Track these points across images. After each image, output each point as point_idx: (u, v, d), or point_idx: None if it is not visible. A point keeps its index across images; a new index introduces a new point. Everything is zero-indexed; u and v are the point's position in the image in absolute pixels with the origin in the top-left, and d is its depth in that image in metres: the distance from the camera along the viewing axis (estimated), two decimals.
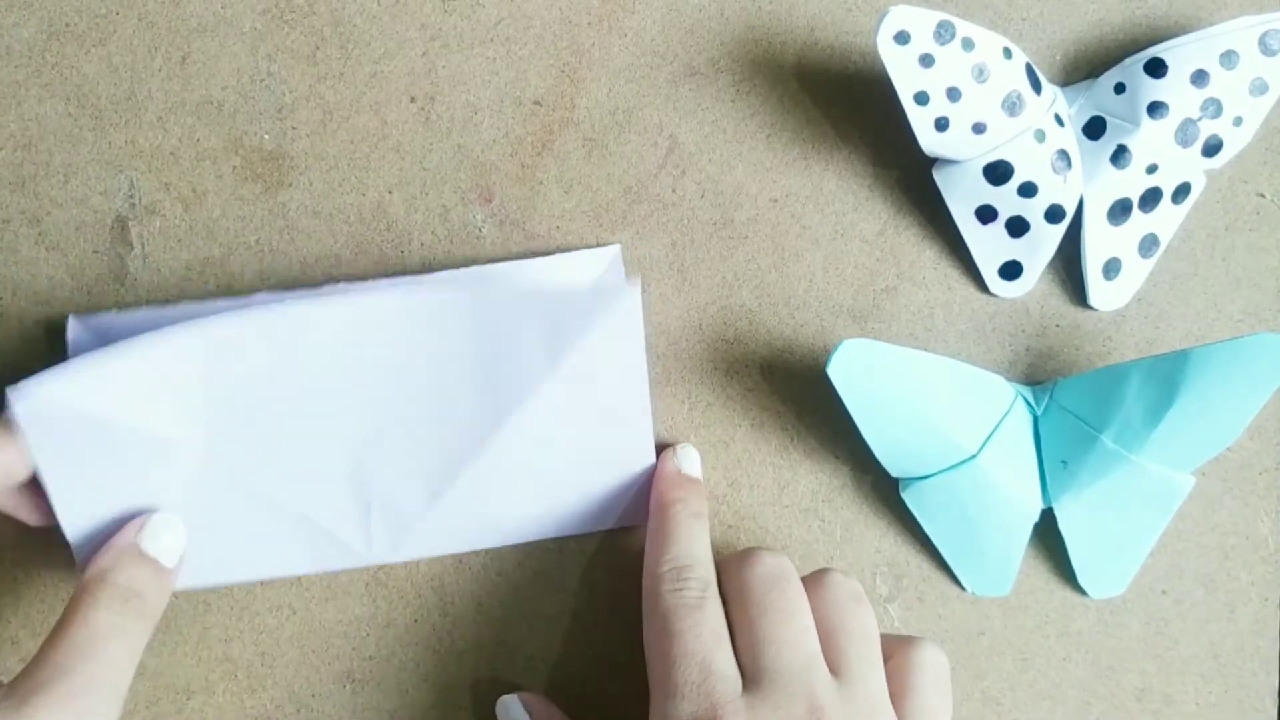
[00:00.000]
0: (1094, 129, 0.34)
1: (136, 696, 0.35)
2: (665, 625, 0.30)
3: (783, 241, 0.36)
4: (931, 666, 0.31)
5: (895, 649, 0.32)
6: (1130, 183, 0.34)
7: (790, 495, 0.36)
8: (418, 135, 0.35)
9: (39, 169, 0.35)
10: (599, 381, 0.33)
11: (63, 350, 0.33)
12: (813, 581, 0.32)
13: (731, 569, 0.32)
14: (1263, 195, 0.36)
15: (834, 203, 0.36)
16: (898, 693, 0.31)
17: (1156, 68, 0.33)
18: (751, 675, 0.29)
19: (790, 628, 0.30)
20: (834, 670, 0.30)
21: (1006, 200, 0.34)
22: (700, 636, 0.30)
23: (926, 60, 0.32)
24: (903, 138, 0.33)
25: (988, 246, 0.35)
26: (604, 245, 0.35)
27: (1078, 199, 0.34)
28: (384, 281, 0.34)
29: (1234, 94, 0.33)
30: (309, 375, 0.32)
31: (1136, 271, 0.36)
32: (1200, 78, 0.33)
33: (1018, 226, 0.35)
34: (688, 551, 0.32)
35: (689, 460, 0.35)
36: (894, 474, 0.35)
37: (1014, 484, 0.34)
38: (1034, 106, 0.33)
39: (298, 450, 0.33)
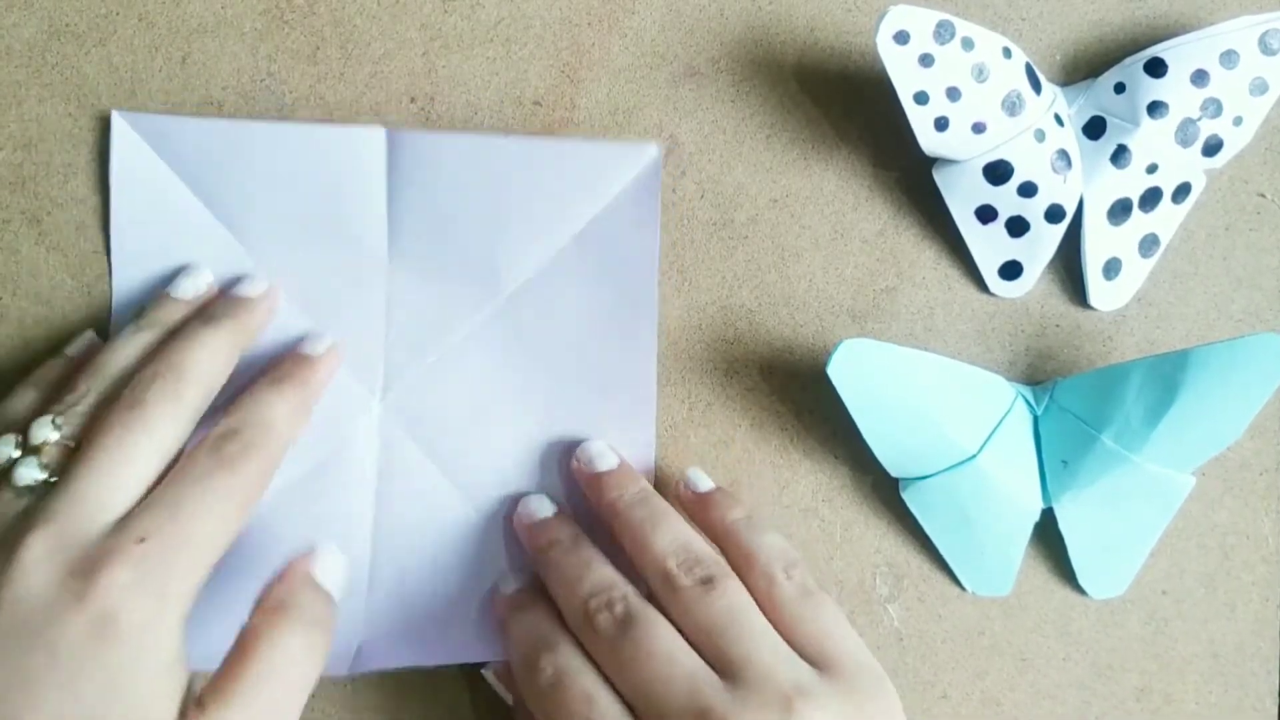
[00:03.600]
0: (1094, 129, 0.34)
1: None
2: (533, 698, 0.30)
3: (783, 241, 0.36)
4: (801, 591, 0.30)
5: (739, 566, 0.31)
6: (1130, 182, 0.34)
7: (790, 495, 0.36)
8: None
9: (39, 169, 0.35)
10: (612, 247, 0.34)
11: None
12: (663, 591, 0.30)
13: (585, 639, 0.30)
14: (1263, 195, 0.36)
15: (834, 203, 0.36)
16: (788, 625, 0.30)
17: (1156, 67, 0.33)
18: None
19: (651, 667, 0.28)
20: (723, 672, 0.28)
21: (1006, 200, 0.34)
22: (596, 692, 0.29)
23: (926, 60, 0.32)
24: (903, 138, 0.33)
25: (988, 246, 0.35)
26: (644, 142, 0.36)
27: (1078, 199, 0.34)
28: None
29: (1234, 94, 0.33)
30: (351, 199, 0.34)
31: (1136, 271, 0.36)
32: (1200, 77, 0.33)
33: (1018, 226, 0.35)
34: (591, 582, 0.31)
35: (539, 508, 0.34)
36: (894, 474, 0.35)
37: (1014, 484, 0.34)
38: (1034, 106, 0.33)
39: (334, 278, 0.34)
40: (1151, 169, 0.34)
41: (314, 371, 0.33)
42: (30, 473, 0.28)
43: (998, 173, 0.33)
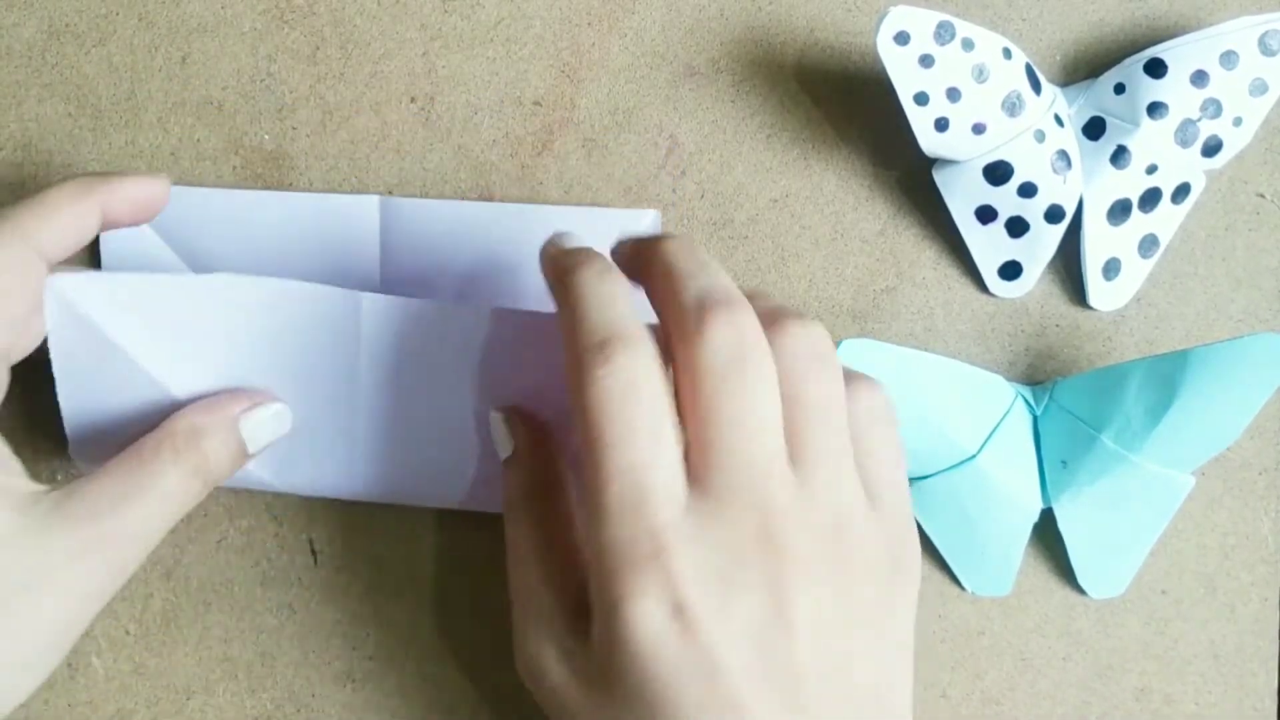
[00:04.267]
0: (1094, 129, 0.34)
1: (136, 696, 0.35)
2: (592, 424, 0.24)
3: (783, 241, 0.36)
4: (871, 416, 0.27)
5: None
6: (1130, 183, 0.34)
7: None
8: (418, 135, 0.35)
9: (39, 169, 0.35)
10: None
11: None
12: (769, 330, 0.26)
13: (682, 334, 0.25)
14: (1262, 195, 0.36)
15: (834, 203, 0.36)
16: (854, 440, 0.26)
17: (1156, 68, 0.33)
18: (699, 480, 0.24)
19: (745, 425, 0.24)
20: (794, 457, 0.25)
21: (1006, 200, 0.34)
22: (635, 443, 0.24)
23: (926, 60, 0.32)
24: (903, 138, 0.33)
25: (987, 246, 0.35)
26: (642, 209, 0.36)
27: (1077, 199, 0.34)
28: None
29: (1234, 94, 0.33)
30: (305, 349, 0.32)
31: (1136, 272, 0.36)
32: (1200, 78, 0.33)
33: (1017, 227, 0.35)
34: (602, 318, 0.25)
35: (570, 238, 0.29)
36: None
37: (1014, 484, 0.34)
38: (1034, 107, 0.33)
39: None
40: (1151, 169, 0.34)
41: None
42: None
43: (998, 173, 0.33)
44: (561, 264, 0.27)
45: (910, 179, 0.36)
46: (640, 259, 0.27)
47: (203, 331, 0.31)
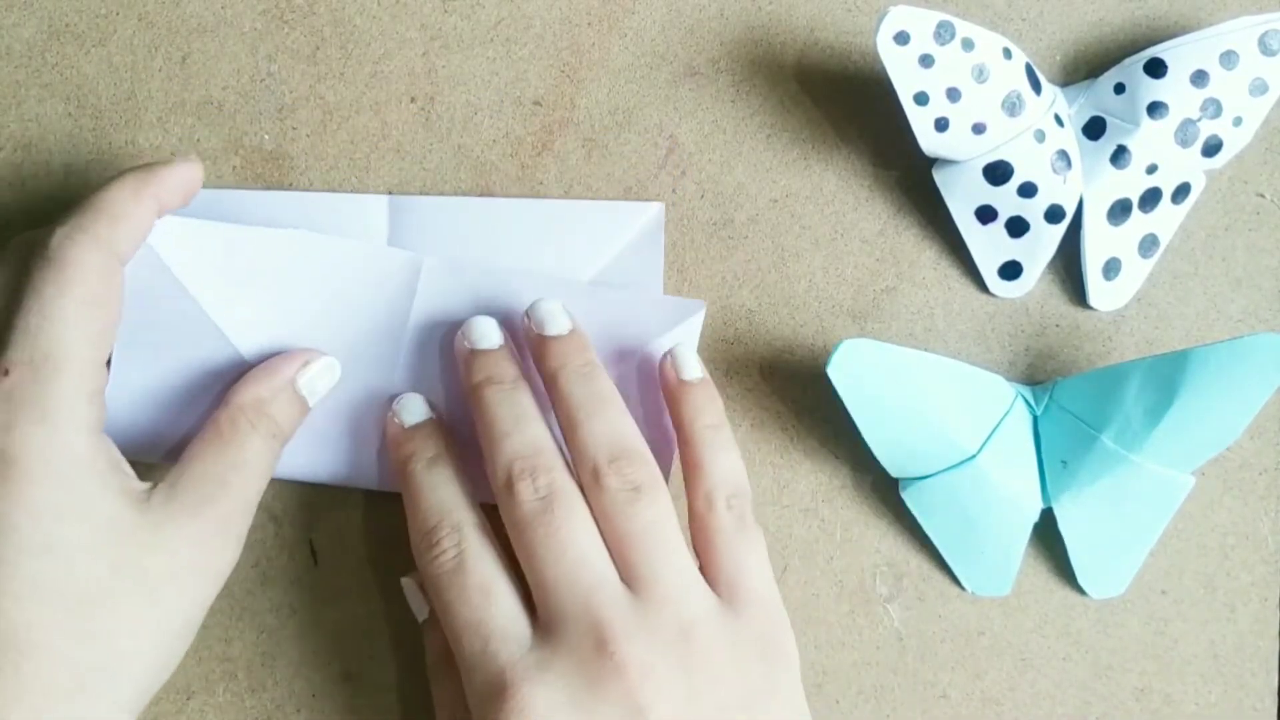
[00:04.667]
0: (1094, 129, 0.34)
1: None
2: (436, 600, 0.29)
3: (783, 241, 0.36)
4: (717, 524, 0.30)
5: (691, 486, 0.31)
6: (1130, 183, 0.34)
7: (790, 495, 0.36)
8: (418, 135, 0.35)
9: (39, 169, 0.35)
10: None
11: None
12: (586, 479, 0.29)
13: (497, 493, 0.30)
14: (1262, 195, 0.37)
15: (834, 203, 0.36)
16: (703, 552, 0.30)
17: (1156, 68, 0.33)
18: (541, 617, 0.28)
19: (565, 558, 0.28)
20: (629, 582, 0.28)
21: (1006, 200, 0.34)
22: (467, 601, 0.28)
23: (926, 60, 0.32)
24: (903, 138, 0.33)
25: (987, 246, 0.35)
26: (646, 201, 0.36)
27: (1077, 199, 0.34)
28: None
29: (1234, 94, 0.33)
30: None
31: (1136, 271, 0.36)
32: (1200, 78, 0.33)
33: (1017, 227, 0.35)
34: (430, 507, 0.30)
35: (410, 410, 0.32)
36: (894, 474, 0.35)
37: (1014, 484, 0.34)
38: (1034, 107, 0.33)
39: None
40: (1151, 169, 0.34)
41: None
42: None
43: (998, 173, 0.33)
44: (399, 452, 0.32)
45: (910, 179, 0.36)
46: (472, 400, 0.31)
47: (265, 282, 0.32)
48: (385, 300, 0.33)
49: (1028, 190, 0.34)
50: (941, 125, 0.33)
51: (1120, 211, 0.35)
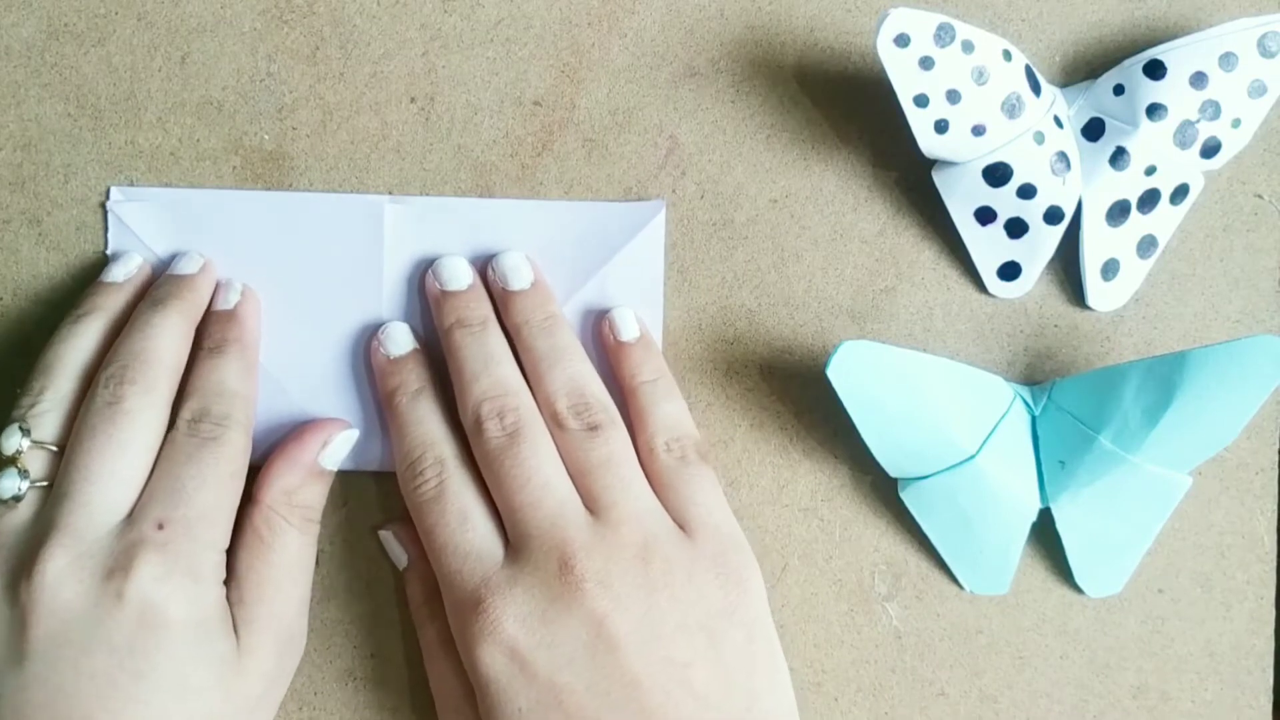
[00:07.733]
0: (1093, 130, 0.34)
1: None
2: (418, 524, 0.31)
3: (783, 242, 0.36)
4: (677, 459, 0.32)
5: (637, 429, 0.32)
6: (1129, 184, 0.34)
7: (790, 495, 0.36)
8: (418, 135, 0.35)
9: (39, 169, 0.35)
10: (616, 301, 0.35)
11: None
12: (551, 422, 0.32)
13: (472, 440, 0.32)
14: (1260, 196, 0.37)
15: (834, 203, 0.36)
16: (657, 494, 0.31)
17: (1155, 69, 0.33)
18: (512, 540, 0.30)
19: (531, 484, 0.30)
20: (592, 508, 0.30)
21: (1005, 202, 0.34)
22: (446, 525, 0.30)
23: (926, 63, 0.32)
24: (902, 138, 0.33)
25: (987, 247, 0.35)
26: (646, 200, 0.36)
27: (1076, 200, 0.34)
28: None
29: (1233, 96, 0.33)
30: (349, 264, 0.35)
31: (1135, 272, 0.36)
32: (1199, 79, 0.33)
33: (1017, 228, 0.35)
34: (415, 439, 0.32)
35: (395, 340, 0.34)
36: (893, 474, 0.35)
37: (1012, 484, 0.34)
38: (1033, 108, 0.33)
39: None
40: (1150, 171, 0.34)
41: (244, 329, 0.33)
42: (11, 484, 0.29)
43: (997, 175, 0.34)
44: (385, 384, 0.33)
45: (910, 179, 0.36)
46: (444, 342, 0.33)
47: (235, 243, 0.34)
48: (357, 246, 0.34)
49: (1027, 192, 0.34)
50: (941, 127, 0.33)
51: (1119, 212, 0.35)
